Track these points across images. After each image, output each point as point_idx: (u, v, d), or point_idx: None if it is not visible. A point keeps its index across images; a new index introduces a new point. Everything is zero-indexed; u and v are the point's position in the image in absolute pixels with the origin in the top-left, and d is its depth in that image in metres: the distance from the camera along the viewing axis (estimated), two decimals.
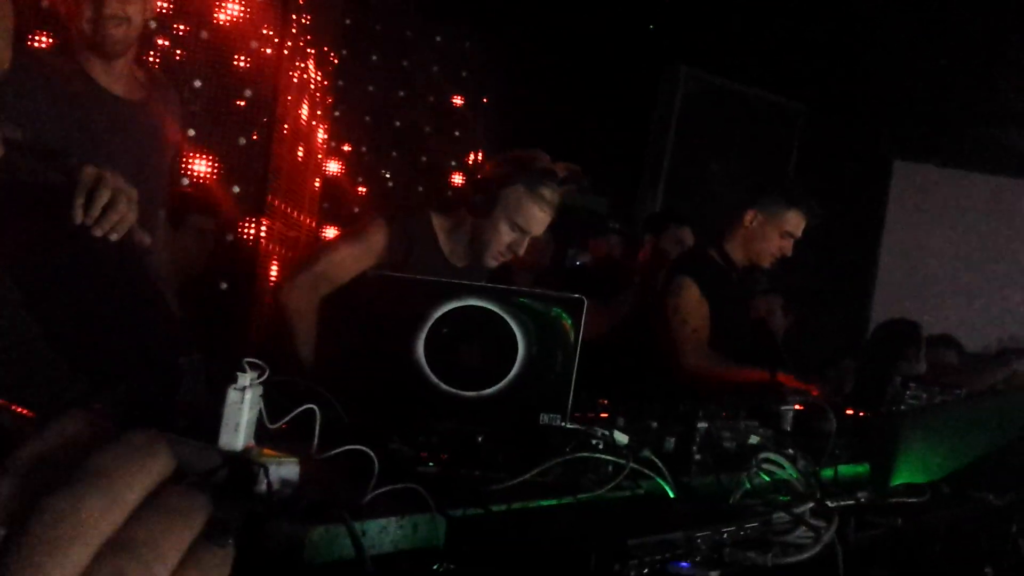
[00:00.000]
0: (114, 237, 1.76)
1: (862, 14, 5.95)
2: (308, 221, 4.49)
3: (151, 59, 3.49)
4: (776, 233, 3.60)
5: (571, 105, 6.20)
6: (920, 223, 6.88)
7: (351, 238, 2.81)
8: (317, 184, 4.72)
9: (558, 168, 2.79)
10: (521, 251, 2.80)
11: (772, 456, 2.04)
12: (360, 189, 5.16)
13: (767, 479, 2.02)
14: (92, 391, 1.37)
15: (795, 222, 3.60)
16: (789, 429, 2.74)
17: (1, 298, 1.24)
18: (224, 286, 3.60)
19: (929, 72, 6.17)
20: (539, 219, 2.75)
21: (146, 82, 2.69)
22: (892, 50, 6.09)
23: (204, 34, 3.68)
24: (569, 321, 2.05)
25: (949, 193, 6.91)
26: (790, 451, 2.40)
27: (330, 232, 4.66)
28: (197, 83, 3.66)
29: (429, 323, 1.92)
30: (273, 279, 3.64)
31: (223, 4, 3.72)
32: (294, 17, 4.03)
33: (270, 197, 3.79)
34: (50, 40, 3.28)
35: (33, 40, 3.27)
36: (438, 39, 5.28)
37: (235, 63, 3.77)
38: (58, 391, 1.29)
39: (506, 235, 2.73)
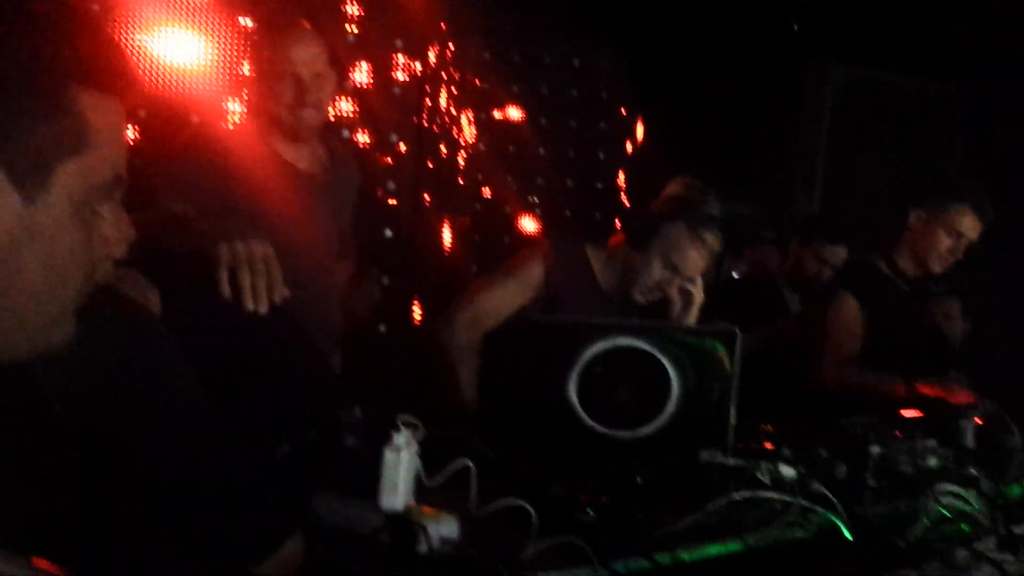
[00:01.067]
0: (263, 309, 1.82)
1: None
2: (459, 253, 4.55)
3: None
4: (943, 233, 3.42)
5: (716, 112, 6.09)
6: None
7: (508, 273, 2.82)
8: (466, 216, 4.79)
9: (684, 182, 2.74)
10: (671, 291, 2.73)
11: (950, 488, 1.92)
12: (509, 217, 5.20)
13: (947, 513, 1.90)
14: (255, 456, 1.41)
15: (962, 220, 3.41)
16: (971, 445, 2.59)
17: (178, 374, 1.29)
18: (383, 328, 3.69)
19: None
20: (695, 262, 2.71)
21: (327, 158, 2.78)
22: None
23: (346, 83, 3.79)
24: (724, 351, 2.00)
25: None
26: (972, 471, 2.27)
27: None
28: (344, 133, 3.77)
29: (580, 364, 1.91)
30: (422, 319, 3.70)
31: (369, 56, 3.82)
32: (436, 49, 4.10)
33: (420, 237, 3.87)
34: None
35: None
36: (576, 62, 5.28)
37: (380, 108, 3.87)
38: (228, 463, 1.34)
39: (657, 272, 2.70)
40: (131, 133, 3.24)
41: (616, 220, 5.31)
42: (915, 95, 6.65)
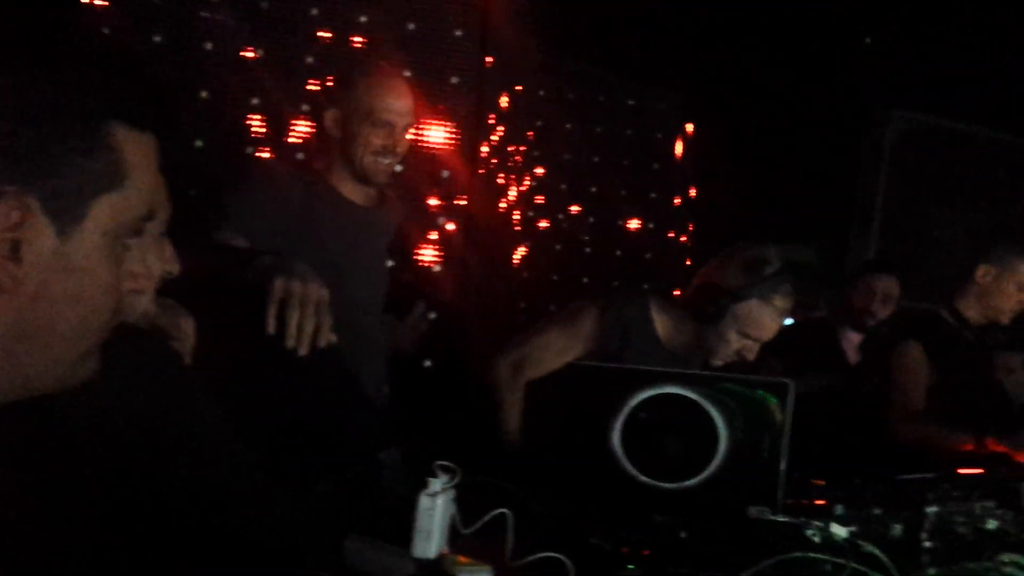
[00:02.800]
0: (303, 352, 1.81)
1: None
2: (509, 291, 4.53)
3: None
4: (1013, 287, 3.38)
5: (775, 156, 6.03)
6: None
7: (560, 323, 2.78)
8: (517, 252, 4.77)
9: (770, 255, 2.69)
10: (752, 356, 2.70)
11: (1012, 558, 1.83)
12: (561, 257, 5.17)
13: None
14: (287, 495, 1.38)
15: None
16: None
17: (213, 423, 1.27)
18: (428, 363, 3.66)
19: None
20: (772, 327, 2.68)
21: (377, 193, 2.81)
22: None
23: None
24: (775, 403, 1.94)
25: None
26: None
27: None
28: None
29: (625, 412, 1.86)
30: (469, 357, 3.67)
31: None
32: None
33: (469, 272, 3.85)
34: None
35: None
36: (631, 103, 5.27)
37: (429, 144, 3.86)
38: (261, 506, 1.31)
39: (735, 343, 2.66)
40: (194, 164, 3.29)
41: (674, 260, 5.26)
42: (982, 145, 6.54)
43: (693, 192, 5.68)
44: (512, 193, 4.61)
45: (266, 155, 3.41)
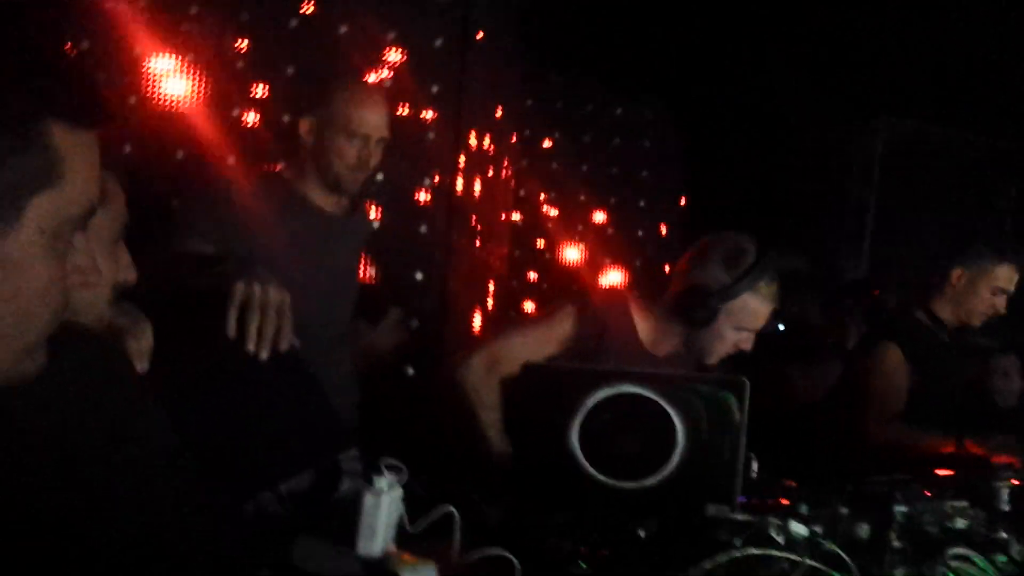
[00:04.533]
0: (264, 355, 1.82)
1: None
2: (494, 300, 4.53)
3: None
4: (986, 290, 3.38)
5: (765, 165, 6.03)
6: None
7: (536, 322, 2.76)
8: (503, 260, 4.77)
9: (745, 244, 2.67)
10: (750, 346, 2.70)
11: (962, 552, 1.82)
12: (548, 266, 5.18)
13: None
14: (229, 500, 1.38)
15: (1006, 277, 3.36)
16: (1007, 508, 2.47)
17: (156, 429, 1.27)
18: (411, 371, 3.66)
19: None
20: (765, 314, 2.68)
21: (348, 202, 2.81)
22: None
23: None
24: (735, 402, 1.93)
25: None
26: (1002, 535, 2.16)
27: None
28: (379, 176, 3.77)
29: (583, 411, 1.85)
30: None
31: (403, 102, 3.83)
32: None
33: (453, 282, 3.85)
34: None
35: None
36: (618, 112, 5.28)
37: (415, 148, 3.87)
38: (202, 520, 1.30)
39: (731, 337, 2.66)
40: (165, 170, 3.30)
41: (664, 267, 5.26)
42: (970, 151, 6.55)
43: (683, 201, 5.68)
44: (498, 201, 4.62)
45: (238, 163, 3.42)
